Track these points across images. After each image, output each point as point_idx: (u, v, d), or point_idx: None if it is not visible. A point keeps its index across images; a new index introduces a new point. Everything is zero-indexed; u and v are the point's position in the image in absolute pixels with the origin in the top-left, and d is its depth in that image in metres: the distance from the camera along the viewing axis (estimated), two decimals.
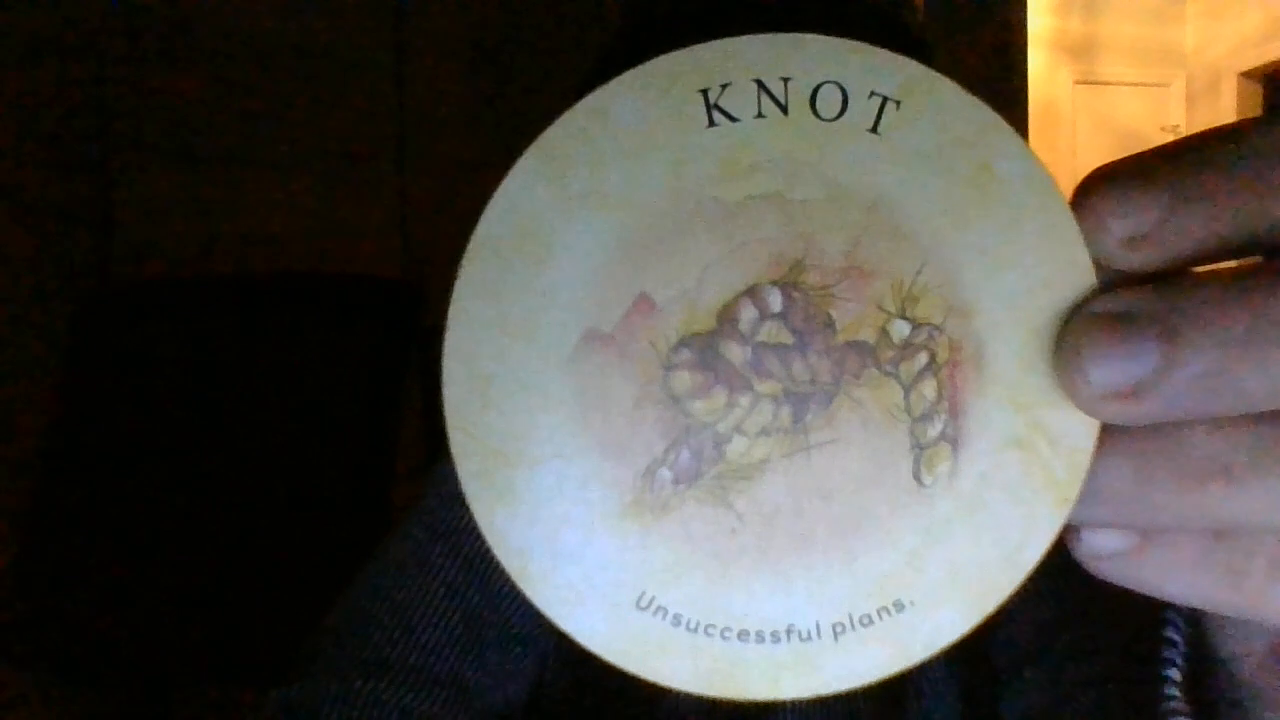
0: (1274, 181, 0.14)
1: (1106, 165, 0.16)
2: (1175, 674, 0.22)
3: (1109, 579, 0.16)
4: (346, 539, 0.80)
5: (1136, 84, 4.36)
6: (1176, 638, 0.22)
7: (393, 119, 1.39)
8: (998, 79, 1.64)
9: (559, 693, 0.48)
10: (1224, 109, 4.18)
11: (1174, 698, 0.22)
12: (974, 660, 0.45)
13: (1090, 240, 0.15)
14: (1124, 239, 0.15)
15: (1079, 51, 4.26)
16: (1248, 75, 4.14)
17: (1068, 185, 0.16)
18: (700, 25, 0.19)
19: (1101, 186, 0.15)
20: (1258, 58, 4.05)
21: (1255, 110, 4.12)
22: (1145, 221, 0.15)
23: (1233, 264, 0.15)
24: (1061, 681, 0.39)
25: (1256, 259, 0.15)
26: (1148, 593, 0.16)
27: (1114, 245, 0.15)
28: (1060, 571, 0.17)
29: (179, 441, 0.87)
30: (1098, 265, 0.16)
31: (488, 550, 0.16)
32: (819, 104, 0.16)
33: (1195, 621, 0.22)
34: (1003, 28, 1.71)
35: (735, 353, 0.16)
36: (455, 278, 0.16)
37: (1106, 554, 0.16)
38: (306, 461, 0.85)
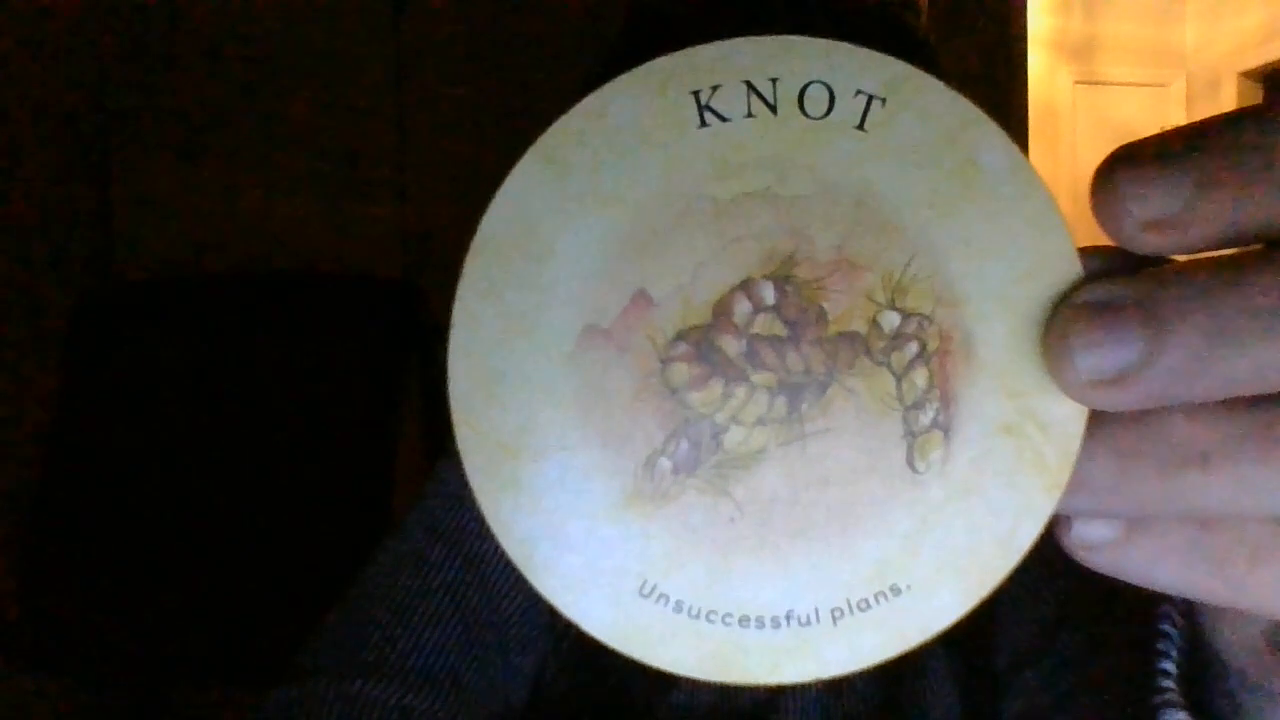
0: None
1: (1131, 144, 0.15)
2: (1170, 666, 0.22)
3: (1098, 569, 0.17)
4: (346, 539, 0.80)
5: (1136, 84, 4.35)
6: (1171, 630, 0.22)
7: (393, 119, 1.39)
8: (998, 79, 1.65)
9: (559, 694, 0.48)
10: (1224, 109, 4.16)
11: (1169, 689, 0.22)
12: (973, 661, 0.45)
13: (1110, 222, 0.15)
14: (1145, 222, 0.15)
15: (1079, 51, 4.25)
16: (1248, 75, 4.14)
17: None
18: (702, 28, 0.19)
19: (1125, 168, 0.15)
20: (1258, 58, 4.05)
21: None
22: (1169, 206, 0.15)
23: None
24: (1062, 682, 0.40)
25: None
26: (1135, 582, 0.17)
27: (1133, 228, 0.15)
28: (1061, 572, 0.17)
29: (179, 441, 0.87)
30: (1083, 254, 0.16)
31: (488, 551, 0.17)
32: (807, 103, 0.16)
33: (1190, 613, 0.22)
34: (1003, 28, 1.71)
35: (730, 345, 0.17)
36: (459, 277, 0.17)
37: (1094, 544, 0.16)
38: (306, 461, 0.85)
